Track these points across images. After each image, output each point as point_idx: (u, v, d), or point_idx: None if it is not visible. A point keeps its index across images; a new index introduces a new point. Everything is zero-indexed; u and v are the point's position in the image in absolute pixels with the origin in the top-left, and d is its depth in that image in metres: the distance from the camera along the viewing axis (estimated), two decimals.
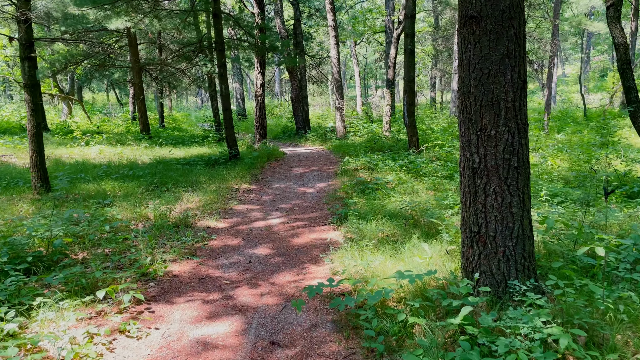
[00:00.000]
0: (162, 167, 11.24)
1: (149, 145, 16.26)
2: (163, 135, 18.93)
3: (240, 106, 30.90)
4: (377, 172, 10.23)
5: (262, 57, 15.13)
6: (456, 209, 6.29)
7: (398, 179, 9.23)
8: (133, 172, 10.16)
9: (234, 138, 12.43)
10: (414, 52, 12.02)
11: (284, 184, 10.04)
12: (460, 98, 3.77)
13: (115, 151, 14.53)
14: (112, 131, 20.56)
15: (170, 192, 8.75)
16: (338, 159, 13.06)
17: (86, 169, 10.95)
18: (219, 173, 10.46)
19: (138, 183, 9.33)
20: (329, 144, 17.40)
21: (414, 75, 12.11)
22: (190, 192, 8.80)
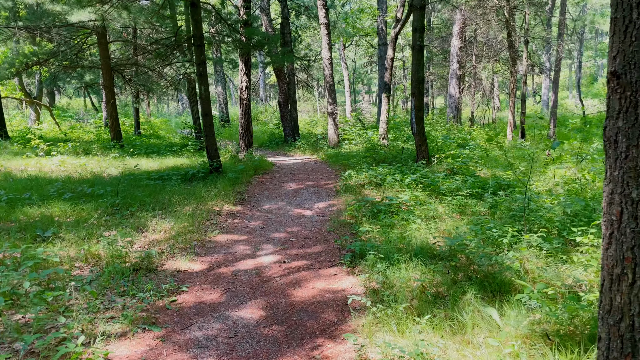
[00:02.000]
0: (129, 182, 9.46)
1: (120, 155, 14.42)
2: (137, 143, 17.07)
3: (223, 111, 29.11)
4: (386, 189, 8.62)
5: (247, 56, 13.45)
6: (522, 250, 4.67)
7: (414, 199, 7.62)
8: (93, 189, 8.37)
9: (216, 148, 10.70)
10: (424, 48, 10.47)
11: (275, 204, 8.34)
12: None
13: (79, 162, 12.68)
14: (80, 139, 18.64)
15: (134, 218, 6.99)
16: (335, 171, 11.40)
17: (37, 186, 9.11)
18: (196, 191, 8.72)
19: (96, 205, 7.54)
20: (321, 153, 15.75)
21: (424, 75, 10.56)
22: (160, 218, 7.05)
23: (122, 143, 15.96)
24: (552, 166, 10.97)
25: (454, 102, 22.80)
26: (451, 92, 23.03)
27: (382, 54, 24.55)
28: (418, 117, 10.60)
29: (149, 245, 5.92)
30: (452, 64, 22.83)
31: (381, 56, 24.62)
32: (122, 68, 17.37)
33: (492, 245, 5.30)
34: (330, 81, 17.03)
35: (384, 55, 24.70)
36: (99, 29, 14.99)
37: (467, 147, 13.55)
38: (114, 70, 17.18)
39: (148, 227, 6.58)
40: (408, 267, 4.68)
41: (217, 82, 29.02)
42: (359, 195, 8.44)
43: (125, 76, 17.95)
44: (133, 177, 10.41)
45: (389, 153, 12.34)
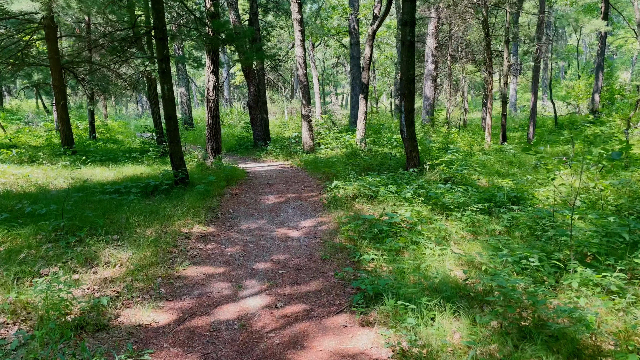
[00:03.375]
0: (79, 198, 8.05)
1: (71, 163, 12.84)
2: (91, 149, 15.46)
3: (187, 114, 27.51)
4: (380, 203, 7.56)
5: (215, 52, 12.16)
6: (600, 298, 3.67)
7: (417, 215, 6.59)
8: (34, 208, 6.93)
9: (181, 156, 9.39)
10: (414, 44, 9.49)
11: (254, 222, 7.14)
12: None
13: (22, 172, 11.08)
14: (27, 144, 16.82)
15: (82, 246, 5.65)
16: (318, 180, 10.28)
17: None
18: (160, 207, 7.41)
19: (36, 229, 6.15)
20: (296, 158, 14.60)
21: (414, 74, 9.58)
22: (115, 245, 5.75)
23: (74, 149, 14.34)
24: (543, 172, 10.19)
25: (429, 103, 22.08)
26: (426, 94, 22.29)
27: (354, 53, 23.63)
28: (408, 120, 9.60)
29: (100, 285, 4.63)
30: (427, 64, 22.10)
31: (353, 56, 23.69)
32: (74, 66, 15.71)
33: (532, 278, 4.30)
34: (304, 81, 15.90)
35: (356, 55, 23.81)
36: (47, 21, 13.37)
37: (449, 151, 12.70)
38: (65, 68, 15.51)
39: (100, 259, 5.27)
40: (443, 317, 3.62)
41: (179, 82, 27.41)
42: (350, 210, 7.34)
43: (77, 75, 16.28)
44: (84, 190, 8.98)
45: (373, 159, 11.30)
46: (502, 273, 4.17)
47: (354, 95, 23.85)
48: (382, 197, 7.71)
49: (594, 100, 25.87)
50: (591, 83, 28.19)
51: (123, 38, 9.01)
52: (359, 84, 24.20)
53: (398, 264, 4.98)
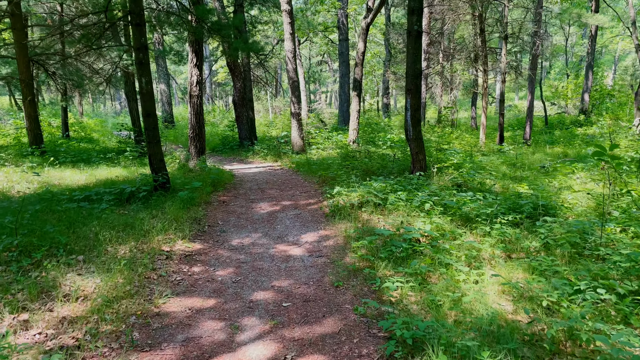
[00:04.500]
0: (42, 207, 6.94)
1: (39, 164, 11.64)
2: (62, 149, 14.23)
3: (167, 111, 26.24)
4: (390, 211, 6.65)
5: (198, 44, 11.09)
6: None
7: (438, 229, 5.69)
8: None
9: (162, 157, 8.33)
10: (421, 35, 8.58)
11: (247, 236, 6.14)
12: None
13: None
14: None
15: (39, 270, 4.60)
16: (314, 185, 9.31)
17: None
18: (137, 219, 6.36)
19: None
20: (286, 160, 13.61)
21: (421, 68, 8.69)
22: (80, 269, 4.71)
23: (43, 149, 13.10)
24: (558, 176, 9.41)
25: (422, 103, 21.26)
26: None
27: (343, 50, 22.71)
28: (414, 119, 8.70)
29: (56, 329, 3.60)
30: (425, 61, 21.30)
31: (342, 52, 22.77)
32: (44, 59, 14.45)
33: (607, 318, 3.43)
34: (294, 77, 14.91)
35: (345, 52, 22.88)
36: (11, 8, 12.13)
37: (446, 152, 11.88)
38: (33, 61, 14.25)
39: (59, 289, 4.23)
40: None
41: (159, 79, 26.12)
42: (357, 221, 6.40)
43: (47, 69, 15.01)
44: (49, 197, 7.86)
45: (373, 162, 10.37)
46: (573, 312, 3.27)
47: (342, 93, 22.92)
48: (391, 206, 6.79)
49: (583, 100, 25.42)
50: (580, 83, 27.80)
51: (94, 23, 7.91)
52: (348, 81, 23.33)
53: (429, 295, 4.06)
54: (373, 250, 5.19)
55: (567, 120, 25.10)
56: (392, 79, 26.79)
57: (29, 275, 4.53)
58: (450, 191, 7.34)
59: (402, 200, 6.87)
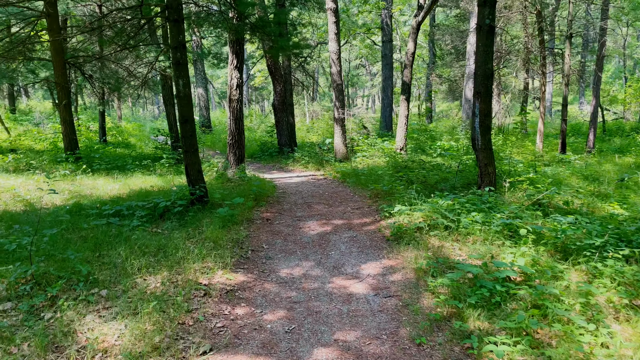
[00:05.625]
0: (68, 223, 6.23)
1: (73, 171, 11.11)
2: (97, 155, 13.74)
3: (205, 116, 25.80)
4: (463, 236, 5.60)
5: (239, 44, 10.31)
6: None
7: (534, 264, 4.62)
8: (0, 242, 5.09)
9: (199, 168, 7.53)
10: (494, 30, 7.49)
11: (298, 265, 5.22)
12: None
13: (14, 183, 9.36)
14: (30, 148, 15.20)
15: (54, 311, 3.80)
16: (367, 200, 8.30)
17: None
18: (171, 241, 5.54)
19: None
20: (329, 168, 12.68)
21: (492, 68, 7.59)
22: (103, 309, 3.89)
23: (77, 154, 12.60)
24: None
25: (469, 107, 20.00)
26: (467, 96, 20.24)
27: (387, 52, 21.69)
28: (484, 126, 7.61)
29: None
30: (469, 63, 20.06)
31: (385, 54, 21.74)
32: (80, 61, 14.02)
33: None
34: (338, 80, 13.99)
35: (389, 54, 21.83)
36: (47, 8, 11.69)
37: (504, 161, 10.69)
38: (70, 64, 13.85)
39: (74, 339, 3.40)
40: None
41: (197, 83, 25.71)
42: (426, 248, 5.38)
43: (85, 72, 14.60)
44: (78, 210, 7.18)
45: (430, 173, 9.29)
46: None
47: (385, 97, 21.90)
48: (465, 230, 5.74)
49: None
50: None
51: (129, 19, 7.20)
52: (391, 84, 22.27)
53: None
54: (457, 292, 4.16)
55: (627, 127, 23.25)
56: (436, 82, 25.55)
57: (40, 316, 3.73)
58: (533, 212, 6.22)
59: (478, 222, 5.81)
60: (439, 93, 28.91)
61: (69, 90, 13.02)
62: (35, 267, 4.29)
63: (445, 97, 29.13)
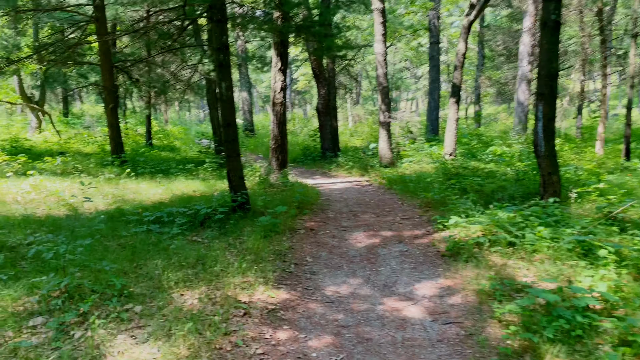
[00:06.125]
0: (106, 229, 6.06)
1: (117, 174, 11.13)
2: (142, 158, 13.81)
3: (248, 120, 25.84)
4: (529, 253, 5.03)
5: (284, 46, 10.03)
6: None
7: (617, 290, 4.02)
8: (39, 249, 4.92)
9: (241, 174, 7.26)
10: (560, 26, 6.86)
11: (345, 281, 4.79)
12: None
13: (59, 186, 9.41)
14: (79, 151, 15.50)
15: (84, 329, 3.54)
16: (417, 209, 7.79)
17: None
18: (211, 251, 5.25)
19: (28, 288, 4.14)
20: (374, 174, 12.22)
21: (557, 67, 6.95)
22: (135, 328, 3.60)
23: (123, 158, 12.67)
24: None
25: (522, 110, 19.01)
26: (520, 99, 19.24)
27: (434, 53, 20.97)
28: (548, 131, 6.96)
29: None
30: (522, 65, 19.08)
31: (432, 56, 21.03)
32: (128, 65, 14.16)
33: None
34: (384, 82, 13.51)
35: (436, 55, 21.11)
36: (98, 14, 11.81)
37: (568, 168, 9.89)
38: (117, 67, 14.00)
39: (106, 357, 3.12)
40: None
41: (241, 86, 25.79)
42: (486, 266, 4.84)
43: (132, 76, 14.75)
44: (119, 215, 7.04)
45: (486, 181, 8.67)
46: None
47: (431, 100, 21.19)
48: (530, 246, 5.16)
49: None
50: None
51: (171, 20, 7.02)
52: (438, 87, 21.54)
53: None
54: (529, 321, 3.63)
55: None
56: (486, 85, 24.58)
57: (70, 335, 3.48)
58: (608, 228, 5.55)
59: (546, 238, 5.22)
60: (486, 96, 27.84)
61: (116, 94, 13.13)
62: (69, 279, 4.06)
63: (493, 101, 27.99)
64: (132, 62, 13.92)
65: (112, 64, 12.76)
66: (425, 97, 52.76)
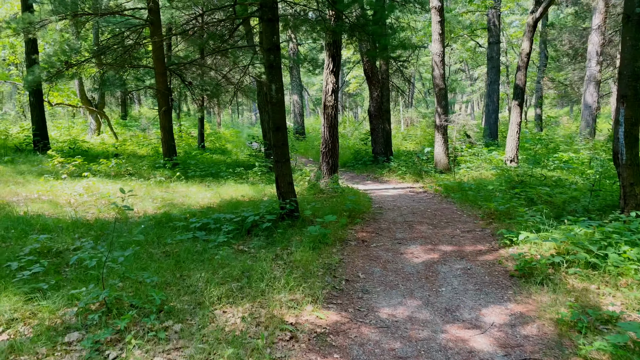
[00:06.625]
0: (153, 235, 5.90)
1: (168, 177, 11.14)
2: (193, 161, 13.84)
3: (299, 122, 25.71)
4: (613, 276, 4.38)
5: (336, 47, 9.67)
6: None
7: None
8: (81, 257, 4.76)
9: (290, 180, 6.94)
10: None
11: (401, 304, 4.33)
12: None
13: (111, 189, 9.48)
14: (133, 153, 15.79)
15: (119, 350, 3.29)
16: (479, 221, 7.19)
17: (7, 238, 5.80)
18: (256, 262, 4.95)
19: (68, 298, 3.97)
20: (429, 180, 11.63)
21: None
22: (173, 349, 3.31)
23: (175, 161, 12.72)
24: None
25: (590, 114, 17.76)
26: (587, 101, 17.98)
27: (494, 54, 20.04)
28: (630, 137, 6.21)
29: None
30: (590, 65, 17.82)
31: (492, 57, 20.11)
32: (181, 68, 14.26)
33: None
34: (440, 84, 12.88)
35: (496, 56, 20.16)
36: (152, 17, 11.90)
37: None
38: (171, 71, 14.13)
39: None
40: None
41: (293, 89, 25.72)
42: (566, 291, 4.25)
43: (185, 79, 14.85)
44: (167, 221, 6.89)
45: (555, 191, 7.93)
46: None
47: (490, 103, 20.24)
48: (614, 268, 4.51)
49: None
50: None
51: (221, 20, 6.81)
52: (498, 89, 20.53)
53: None
54: None
55: None
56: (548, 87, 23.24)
57: (105, 355, 3.23)
58: None
59: (633, 260, 4.55)
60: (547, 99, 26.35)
61: (168, 97, 13.22)
62: (108, 291, 3.84)
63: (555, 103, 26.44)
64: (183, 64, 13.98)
65: (165, 67, 12.85)
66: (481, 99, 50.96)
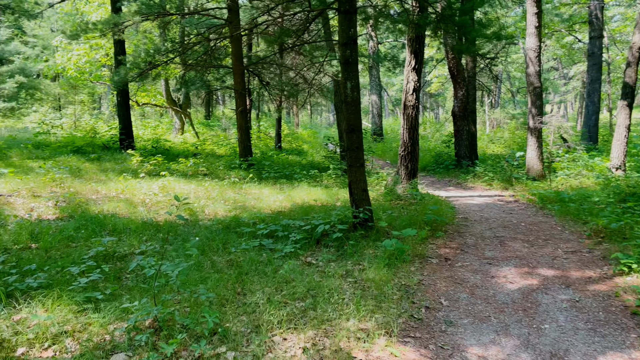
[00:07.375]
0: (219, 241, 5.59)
1: (242, 178, 10.99)
2: (268, 162, 13.65)
3: (377, 123, 24.97)
4: None
5: (419, 42, 8.95)
6: None
7: None
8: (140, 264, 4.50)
9: (365, 187, 6.35)
10: None
11: (493, 343, 3.60)
12: None
13: (186, 188, 9.45)
14: (212, 153, 15.98)
15: None
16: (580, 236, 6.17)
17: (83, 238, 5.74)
18: (324, 278, 4.44)
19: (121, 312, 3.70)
20: (520, 188, 10.53)
21: None
22: None
23: (250, 161, 12.59)
24: None
25: None
26: None
27: (595, 49, 18.13)
28: None
29: None
30: None
31: (593, 53, 18.21)
32: (259, 68, 14.15)
33: None
34: (535, 82, 11.68)
35: (598, 52, 18.23)
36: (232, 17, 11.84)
37: None
38: (249, 71, 14.07)
39: None
40: None
41: (372, 89, 25.03)
42: None
43: (262, 79, 14.74)
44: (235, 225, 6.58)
45: None
46: None
47: (590, 104, 18.33)
48: None
49: None
50: None
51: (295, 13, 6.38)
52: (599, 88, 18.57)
53: None
54: None
55: None
56: None
57: None
58: None
59: None
60: None
61: (245, 97, 13.13)
62: (159, 308, 3.49)
63: None
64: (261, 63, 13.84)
65: (243, 67, 12.77)
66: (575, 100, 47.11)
